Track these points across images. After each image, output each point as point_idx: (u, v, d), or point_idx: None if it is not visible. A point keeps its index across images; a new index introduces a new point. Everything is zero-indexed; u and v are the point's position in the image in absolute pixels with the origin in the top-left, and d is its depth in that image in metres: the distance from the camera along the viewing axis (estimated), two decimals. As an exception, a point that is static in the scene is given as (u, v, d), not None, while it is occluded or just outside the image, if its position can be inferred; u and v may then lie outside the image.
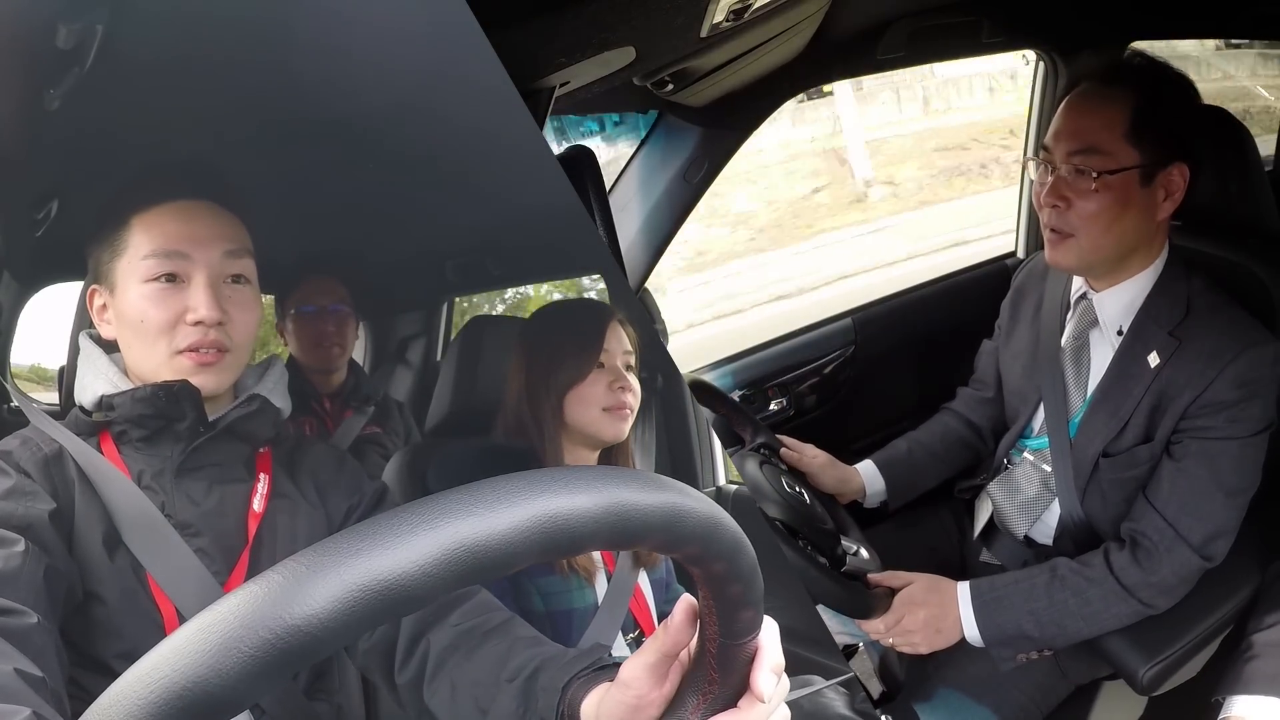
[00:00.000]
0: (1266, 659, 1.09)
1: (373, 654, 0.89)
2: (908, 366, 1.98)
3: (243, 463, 0.95)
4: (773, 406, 1.86)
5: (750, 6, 1.06)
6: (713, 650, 0.54)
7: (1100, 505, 1.31)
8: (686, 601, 0.55)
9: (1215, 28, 1.98)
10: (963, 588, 1.26)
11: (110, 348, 0.95)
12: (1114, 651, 1.27)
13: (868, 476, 1.52)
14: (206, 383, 0.90)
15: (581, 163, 1.12)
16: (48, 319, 1.22)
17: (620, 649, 1.17)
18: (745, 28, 1.16)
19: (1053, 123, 1.25)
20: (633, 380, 1.19)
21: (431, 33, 0.90)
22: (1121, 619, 1.23)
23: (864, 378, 1.95)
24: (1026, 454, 1.40)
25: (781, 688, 0.57)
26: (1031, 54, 2.09)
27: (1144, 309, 1.27)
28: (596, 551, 1.16)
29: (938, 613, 1.25)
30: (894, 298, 2.05)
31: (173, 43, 0.92)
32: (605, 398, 1.17)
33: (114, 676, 0.38)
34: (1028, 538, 1.42)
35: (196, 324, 0.89)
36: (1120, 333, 1.28)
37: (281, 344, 1.49)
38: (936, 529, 1.61)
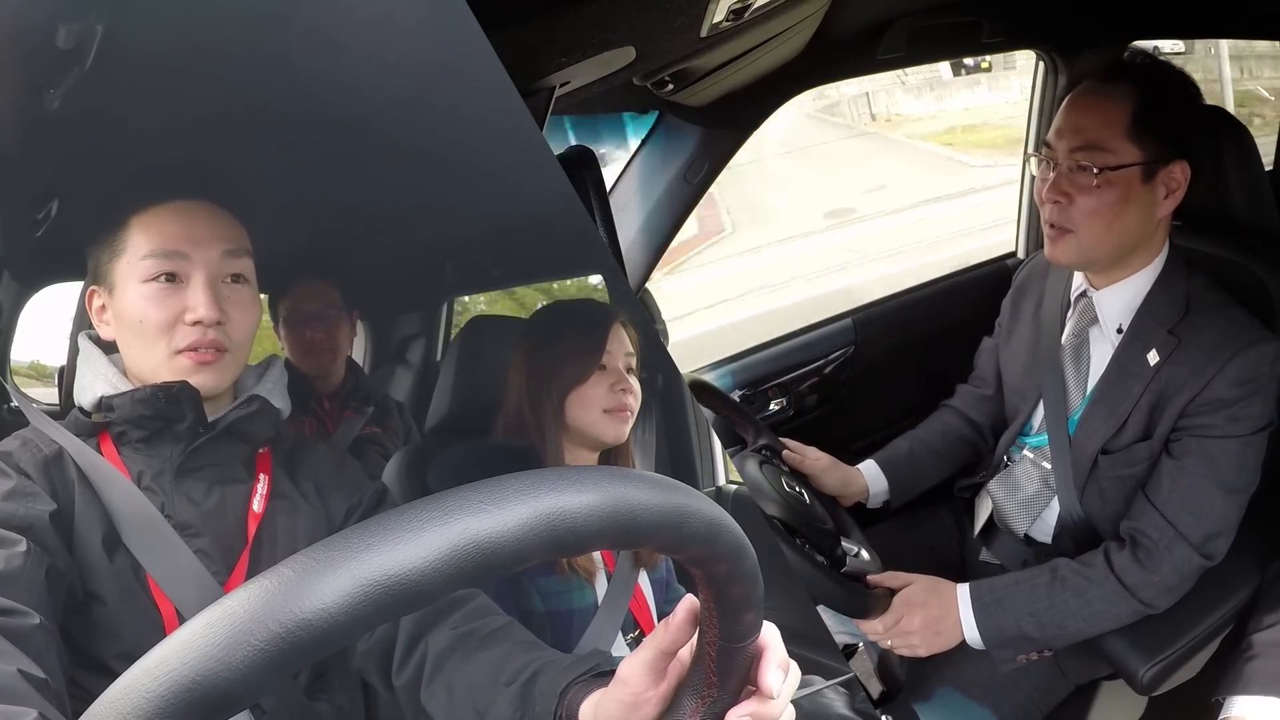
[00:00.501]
0: (1266, 659, 1.09)
1: (370, 656, 0.89)
2: (908, 366, 1.98)
3: (242, 463, 0.95)
4: (773, 407, 1.86)
5: (750, 6, 1.06)
6: (712, 653, 0.54)
7: (1099, 503, 1.31)
8: (688, 601, 0.55)
9: (1215, 28, 1.98)
10: (962, 590, 1.26)
11: (109, 348, 0.95)
12: (1114, 651, 1.27)
13: (871, 477, 1.52)
14: (205, 382, 0.90)
15: (581, 163, 1.12)
16: (47, 319, 1.22)
17: (620, 649, 1.17)
18: (745, 28, 1.16)
19: (1055, 120, 1.26)
20: (634, 382, 1.19)
21: (431, 32, 0.90)
22: (1122, 619, 1.23)
23: (864, 378, 1.95)
24: (1026, 451, 1.40)
25: (790, 683, 0.57)
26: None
27: (1144, 307, 1.27)
28: (598, 551, 1.16)
29: (937, 614, 1.25)
30: (894, 298, 2.05)
31: (172, 42, 0.92)
32: (606, 399, 1.17)
33: (114, 677, 0.37)
34: (1027, 536, 1.42)
35: (195, 324, 0.89)
36: (1120, 330, 1.28)
37: (280, 345, 1.49)
38: (936, 528, 1.61)
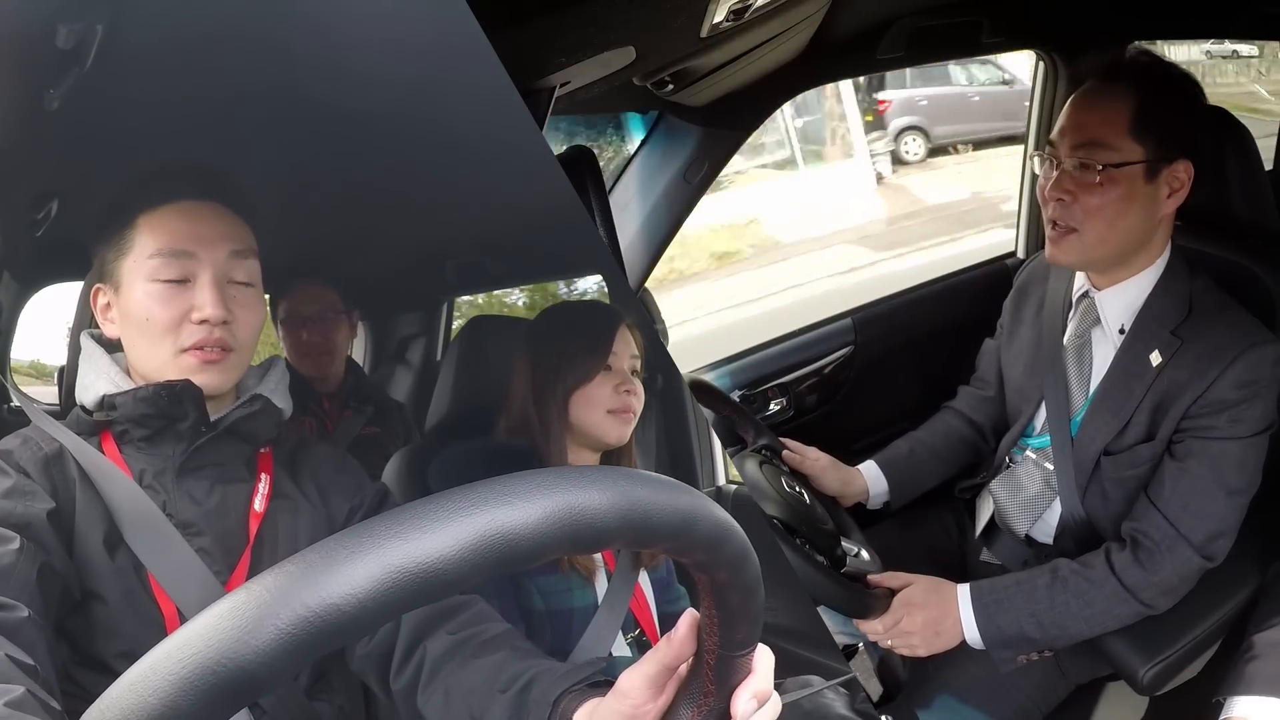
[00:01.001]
0: (1267, 659, 1.09)
1: (370, 659, 0.90)
2: (908, 366, 1.98)
3: (244, 463, 0.95)
4: (773, 407, 1.86)
5: (750, 6, 1.06)
6: (710, 662, 0.54)
7: (1101, 504, 1.31)
8: (690, 615, 0.56)
9: (1215, 28, 1.98)
10: (963, 590, 1.26)
11: (112, 347, 0.95)
12: (1115, 652, 1.27)
13: (870, 477, 1.52)
14: (210, 382, 0.90)
15: (581, 163, 1.12)
16: (47, 319, 1.22)
17: (620, 648, 1.17)
18: (745, 28, 1.16)
19: (1058, 120, 1.26)
20: (638, 384, 1.20)
21: (431, 32, 0.90)
22: (1122, 619, 1.23)
23: (864, 378, 1.95)
24: (1029, 453, 1.40)
25: (765, 715, 0.57)
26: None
27: (1146, 308, 1.27)
28: (609, 550, 1.16)
29: (937, 615, 1.25)
30: (894, 298, 2.05)
31: (172, 42, 0.92)
32: (611, 400, 1.17)
33: (114, 676, 0.37)
34: (1028, 536, 1.42)
35: (202, 323, 0.89)
36: (1122, 331, 1.28)
37: (280, 345, 1.49)
38: (937, 529, 1.61)
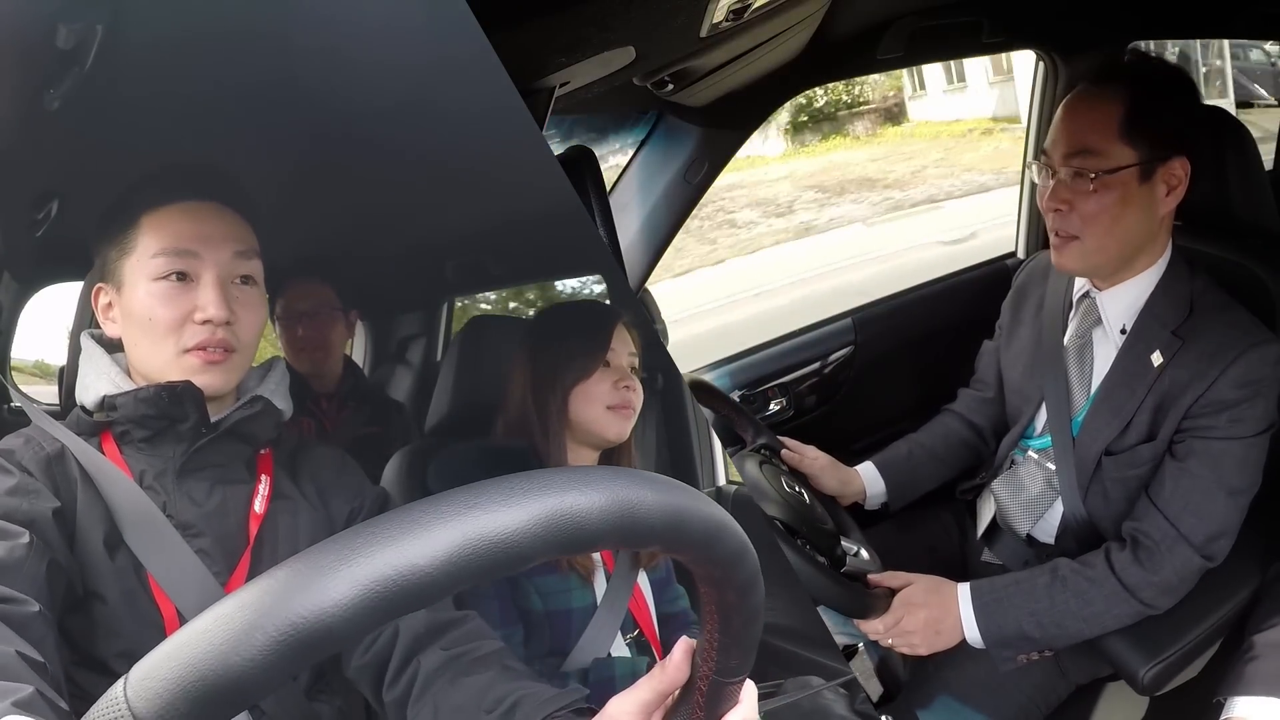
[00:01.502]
0: (1267, 659, 1.09)
1: (365, 669, 0.90)
2: (908, 366, 1.98)
3: (244, 464, 0.95)
4: (773, 407, 1.86)
5: (750, 6, 1.06)
6: (703, 688, 0.55)
7: (1102, 504, 1.31)
8: (685, 642, 0.57)
9: (1215, 28, 1.99)
10: (963, 589, 1.26)
11: (112, 347, 0.95)
12: (1115, 652, 1.27)
13: (868, 478, 1.52)
14: (212, 382, 0.90)
15: (581, 163, 1.12)
16: (47, 319, 1.22)
17: (619, 649, 1.17)
18: (745, 28, 1.16)
19: (1050, 129, 1.26)
20: (636, 381, 1.20)
21: (431, 32, 0.90)
22: (1122, 619, 1.23)
23: (864, 378, 1.95)
24: (1030, 453, 1.40)
25: None
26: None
27: (1147, 308, 1.27)
28: (602, 551, 1.16)
29: (938, 614, 1.25)
30: (894, 298, 2.05)
31: (172, 42, 0.92)
32: (610, 396, 1.17)
33: (114, 676, 0.38)
34: (1030, 536, 1.42)
35: (205, 322, 0.89)
36: (1124, 332, 1.28)
37: (279, 345, 1.49)
38: (937, 529, 1.61)
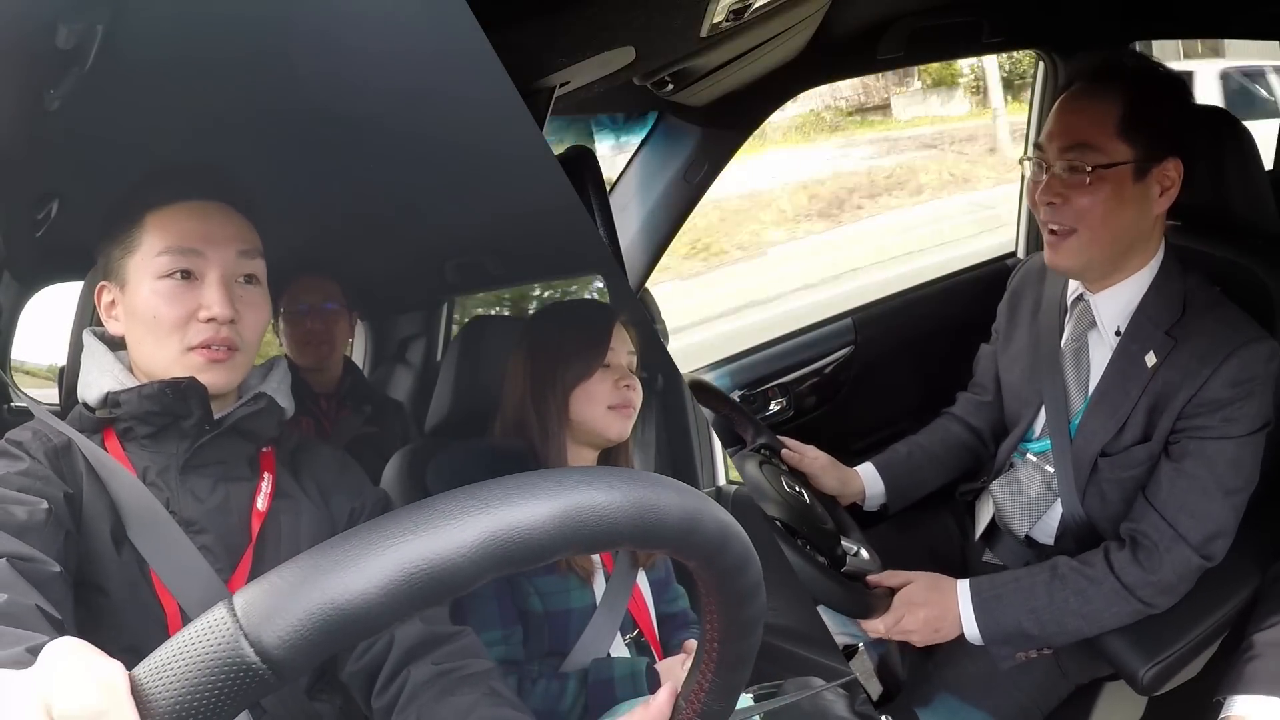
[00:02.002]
0: (1267, 659, 1.09)
1: (358, 675, 0.92)
2: (908, 367, 1.98)
3: (247, 461, 0.95)
4: (773, 407, 1.86)
5: (750, 6, 1.06)
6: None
7: (1100, 505, 1.31)
8: (670, 686, 0.60)
9: (1215, 28, 1.99)
10: (962, 585, 1.26)
11: (115, 345, 0.95)
12: (1114, 651, 1.27)
13: (867, 479, 1.52)
14: (216, 380, 0.90)
15: (582, 163, 1.12)
16: (48, 319, 1.22)
17: (619, 649, 1.17)
18: (745, 28, 1.16)
19: (1046, 123, 1.26)
20: (636, 380, 1.20)
21: (431, 32, 0.90)
22: (1121, 618, 1.23)
23: (864, 378, 1.95)
24: (1030, 455, 1.40)
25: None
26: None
27: (1140, 309, 1.27)
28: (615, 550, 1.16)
29: (938, 612, 1.25)
30: (894, 298, 2.05)
31: (173, 42, 0.92)
32: (611, 395, 1.17)
33: None
34: (1029, 537, 1.42)
35: (209, 321, 0.89)
36: (1118, 333, 1.29)
37: (279, 343, 1.49)
38: (937, 530, 1.61)
